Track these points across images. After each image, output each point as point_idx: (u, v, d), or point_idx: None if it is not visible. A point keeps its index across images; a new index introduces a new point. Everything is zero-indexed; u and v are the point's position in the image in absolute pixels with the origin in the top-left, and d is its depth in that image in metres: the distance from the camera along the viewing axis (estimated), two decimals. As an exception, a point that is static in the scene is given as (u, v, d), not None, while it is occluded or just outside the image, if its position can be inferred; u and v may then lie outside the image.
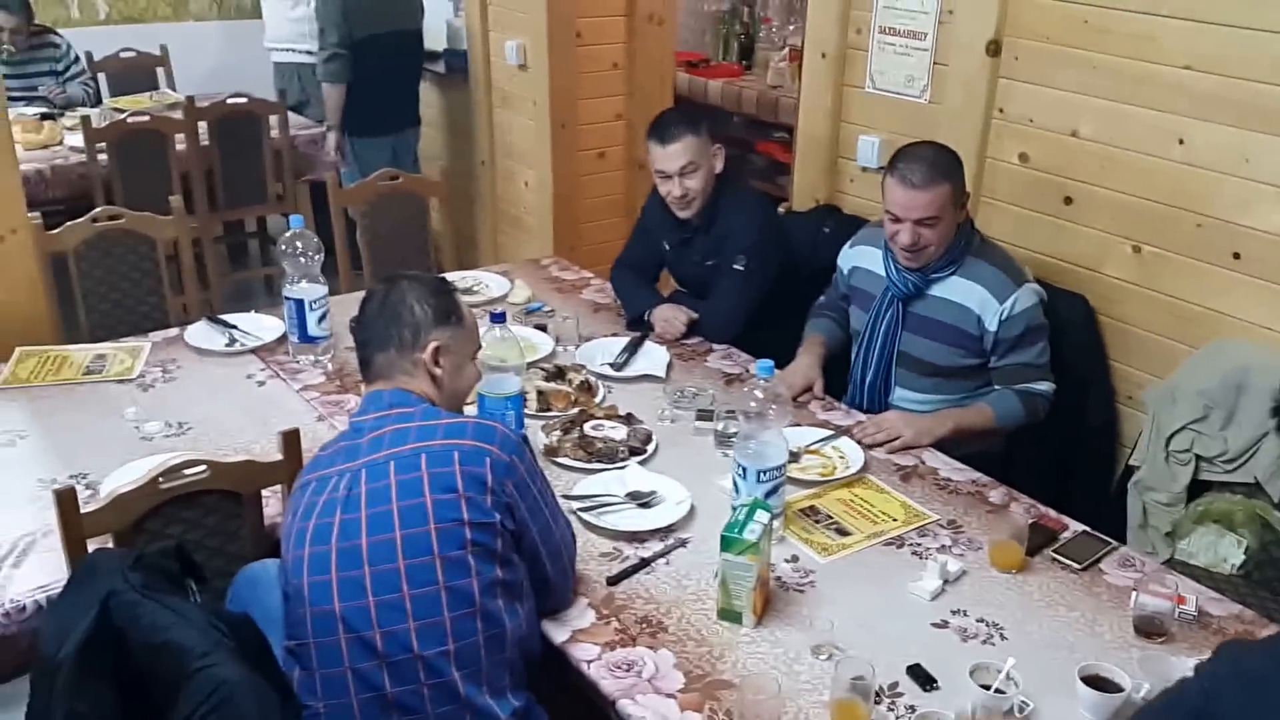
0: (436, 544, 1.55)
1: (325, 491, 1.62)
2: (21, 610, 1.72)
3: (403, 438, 1.63)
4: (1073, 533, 1.97)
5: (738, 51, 5.52)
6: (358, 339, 1.80)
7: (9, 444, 2.16)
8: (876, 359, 2.51)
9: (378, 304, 1.78)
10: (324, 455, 1.70)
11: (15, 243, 2.62)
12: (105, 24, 5.53)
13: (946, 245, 2.38)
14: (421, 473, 1.58)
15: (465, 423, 1.68)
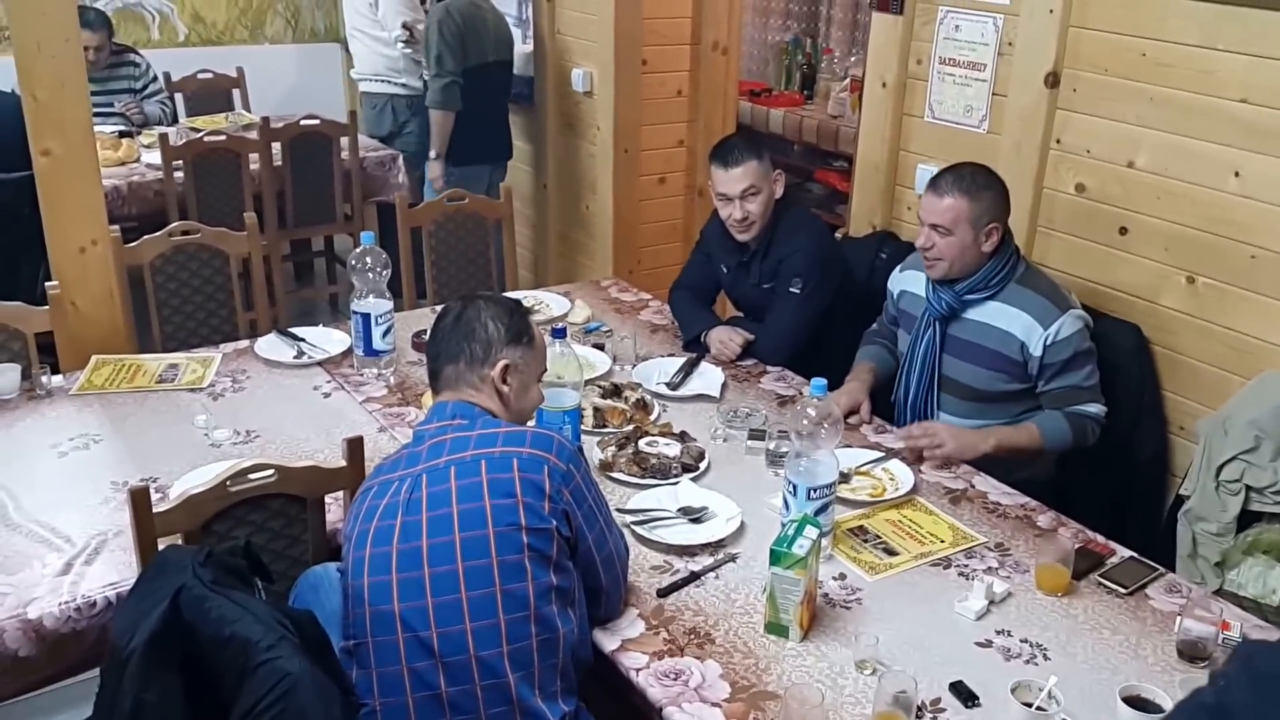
0: (494, 548, 1.59)
1: (387, 495, 1.68)
2: (92, 606, 1.78)
3: (463, 445, 1.68)
4: (1120, 558, 1.97)
5: (800, 81, 5.56)
6: (429, 351, 1.86)
7: (83, 447, 2.24)
8: (917, 380, 2.54)
9: (453, 319, 1.84)
10: (386, 463, 1.76)
11: (95, 254, 2.71)
12: (184, 45, 5.71)
13: (962, 264, 2.40)
14: (481, 478, 1.63)
15: (524, 432, 1.72)
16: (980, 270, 2.41)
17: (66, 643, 1.77)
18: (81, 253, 2.69)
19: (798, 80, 5.57)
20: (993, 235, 2.39)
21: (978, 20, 2.91)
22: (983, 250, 2.39)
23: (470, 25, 4.13)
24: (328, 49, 6.08)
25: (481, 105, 4.25)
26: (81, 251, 2.69)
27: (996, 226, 2.39)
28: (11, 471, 2.13)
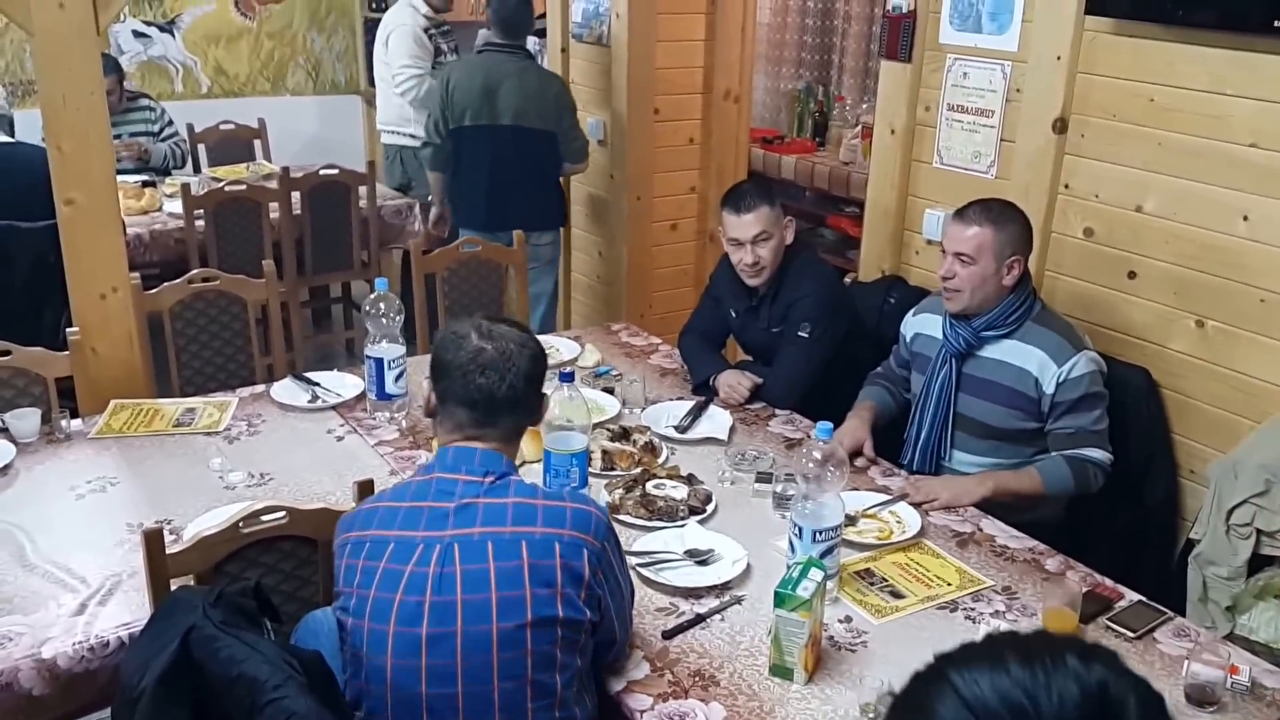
0: (530, 639, 1.55)
1: (410, 561, 1.57)
2: (105, 646, 1.80)
3: (499, 515, 1.59)
4: (1128, 602, 1.96)
5: (812, 128, 5.62)
6: (493, 399, 1.69)
7: (100, 490, 2.27)
8: (931, 418, 2.54)
9: (526, 369, 1.72)
10: (396, 509, 1.64)
11: (116, 301, 2.76)
12: (207, 98, 5.86)
13: (981, 296, 2.42)
14: (522, 562, 1.56)
15: (563, 508, 1.63)
16: (998, 306, 2.43)
17: (79, 682, 1.78)
18: (102, 299, 2.73)
19: (810, 127, 5.63)
20: (1014, 268, 2.41)
21: (986, 68, 2.95)
22: (1003, 283, 2.41)
23: (472, 84, 3.87)
24: (347, 100, 6.21)
25: (483, 170, 3.94)
26: (102, 298, 2.73)
27: (1019, 260, 2.41)
28: (30, 513, 2.17)
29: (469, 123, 3.90)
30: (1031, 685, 0.72)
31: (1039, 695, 0.72)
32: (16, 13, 2.51)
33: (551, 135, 3.93)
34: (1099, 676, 0.73)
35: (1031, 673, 0.73)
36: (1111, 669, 0.74)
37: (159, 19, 5.70)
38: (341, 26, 6.16)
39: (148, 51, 5.72)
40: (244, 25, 5.93)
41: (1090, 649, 0.75)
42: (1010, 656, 0.75)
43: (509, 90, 3.86)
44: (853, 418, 2.60)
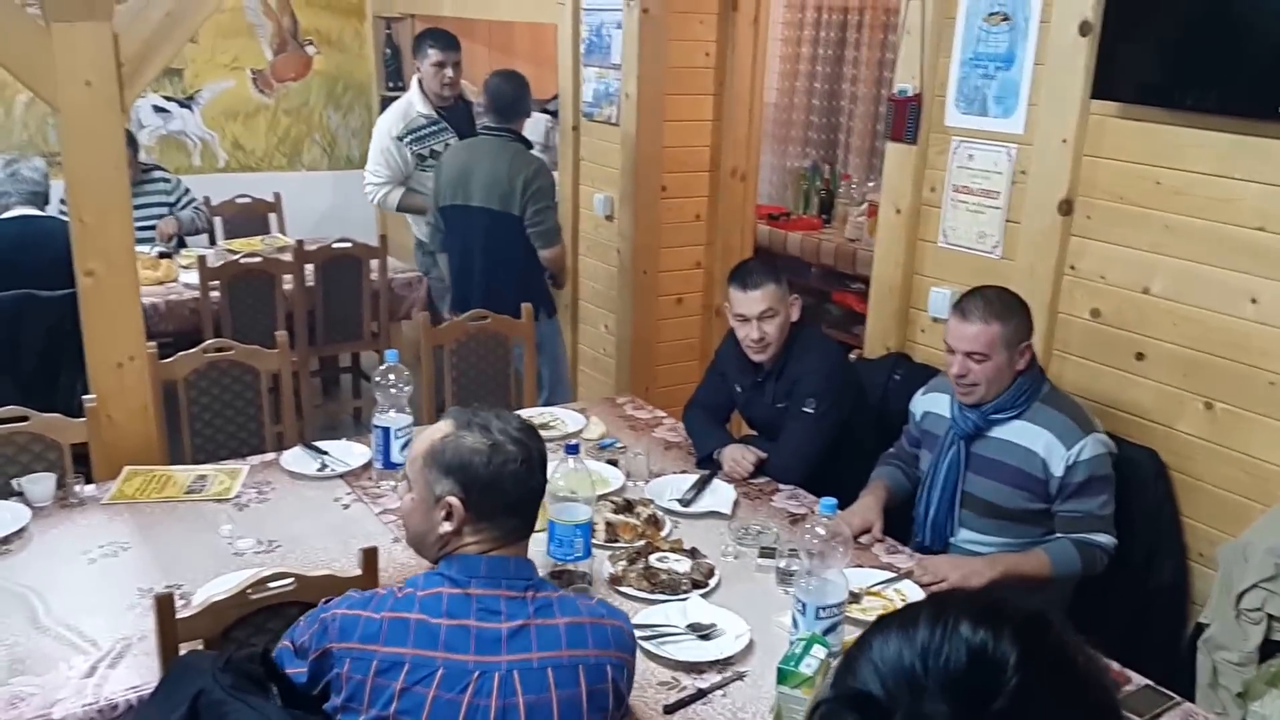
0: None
1: (466, 691, 1.51)
2: (114, 708, 1.80)
3: (554, 640, 1.56)
4: (1136, 686, 1.94)
5: (818, 206, 5.71)
6: (533, 505, 1.67)
7: (112, 554, 2.29)
8: (939, 497, 2.55)
9: (539, 457, 1.68)
10: (434, 625, 1.54)
11: (132, 369, 2.80)
12: (224, 171, 5.97)
13: (998, 386, 2.44)
14: (580, 689, 1.55)
15: (606, 627, 1.62)
16: (1009, 390, 2.45)
17: (85, 745, 1.77)
18: (119, 367, 2.77)
19: (816, 205, 5.72)
20: (1026, 353, 2.44)
21: (991, 150, 3.00)
22: (1017, 369, 2.44)
23: (453, 165, 3.98)
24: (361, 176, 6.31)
25: (457, 252, 4.04)
26: (119, 366, 2.77)
27: (1028, 345, 2.44)
28: (43, 576, 2.18)
29: (446, 203, 4.00)
30: (925, 648, 0.75)
31: (929, 658, 0.74)
32: (44, 89, 2.58)
33: (514, 219, 3.87)
34: (981, 639, 0.75)
35: (930, 635, 0.76)
36: (996, 631, 0.75)
37: (179, 94, 5.85)
38: (358, 104, 6.31)
39: (167, 126, 5.85)
40: (262, 102, 6.08)
41: (990, 610, 0.77)
42: (922, 620, 0.77)
43: (481, 172, 3.89)
44: (866, 496, 2.61)
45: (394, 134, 4.10)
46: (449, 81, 4.36)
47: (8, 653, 1.92)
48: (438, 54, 4.30)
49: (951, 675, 0.74)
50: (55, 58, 2.54)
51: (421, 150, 4.11)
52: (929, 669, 0.74)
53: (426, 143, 4.10)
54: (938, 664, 0.74)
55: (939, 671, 0.74)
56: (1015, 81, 2.91)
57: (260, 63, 6.02)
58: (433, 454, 1.65)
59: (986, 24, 2.97)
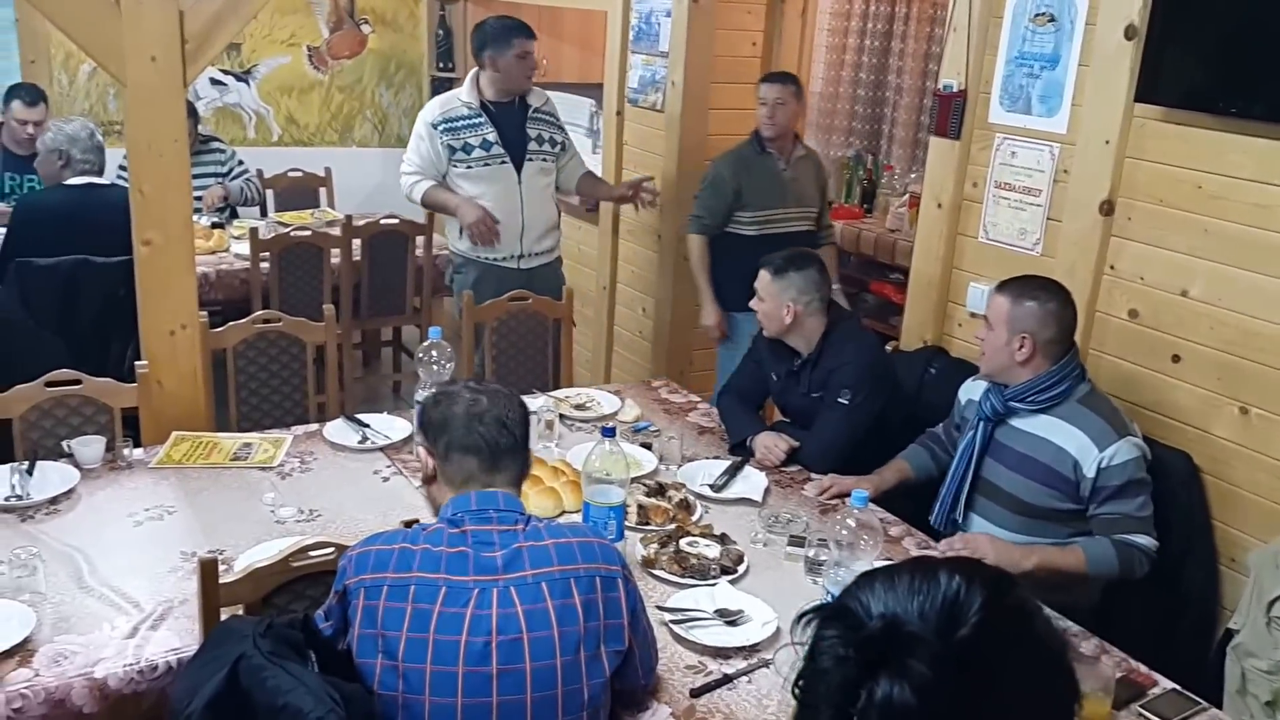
0: (586, 670, 1.65)
1: (469, 605, 1.63)
2: (154, 669, 1.86)
3: (544, 558, 1.68)
4: (1162, 690, 1.95)
5: (860, 195, 5.70)
6: (497, 442, 1.78)
7: (158, 518, 2.36)
8: (951, 476, 2.58)
9: (518, 410, 1.82)
10: (437, 553, 1.67)
11: (184, 337, 2.88)
12: (278, 145, 6.07)
13: (995, 364, 2.48)
14: (574, 599, 1.65)
15: (592, 544, 1.74)
16: (1027, 380, 2.45)
17: (127, 703, 1.84)
18: (171, 335, 2.85)
19: (858, 194, 5.70)
20: (1024, 346, 2.42)
21: (1034, 148, 3.00)
22: (1015, 358, 2.44)
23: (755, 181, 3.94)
24: (408, 154, 6.41)
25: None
26: (171, 334, 2.85)
27: (1028, 339, 2.42)
28: (89, 537, 2.25)
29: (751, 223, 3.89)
30: (907, 589, 0.90)
31: (909, 597, 0.90)
32: (111, 64, 2.66)
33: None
34: (955, 584, 0.90)
35: (911, 579, 0.91)
36: (968, 580, 0.90)
37: (236, 69, 5.95)
38: (409, 83, 6.37)
39: (224, 98, 5.96)
40: (316, 78, 6.17)
41: (964, 564, 0.93)
42: (905, 569, 0.93)
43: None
44: (878, 471, 2.66)
45: (430, 120, 3.88)
46: (531, 74, 3.92)
47: (53, 611, 1.98)
48: (525, 43, 3.84)
49: (924, 605, 0.89)
50: (123, 34, 2.62)
51: (454, 142, 3.80)
52: (906, 605, 0.89)
53: (461, 135, 3.81)
54: (914, 599, 0.89)
55: (916, 605, 0.89)
56: (1060, 82, 2.91)
57: (316, 39, 6.11)
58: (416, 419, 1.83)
59: (1033, 24, 2.97)
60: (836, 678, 0.89)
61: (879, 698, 0.86)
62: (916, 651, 0.86)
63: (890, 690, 0.86)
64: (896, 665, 0.86)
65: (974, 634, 0.87)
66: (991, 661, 0.88)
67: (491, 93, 3.82)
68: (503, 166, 3.80)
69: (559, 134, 3.96)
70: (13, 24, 5.36)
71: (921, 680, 0.85)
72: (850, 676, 0.88)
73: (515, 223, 3.81)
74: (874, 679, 0.86)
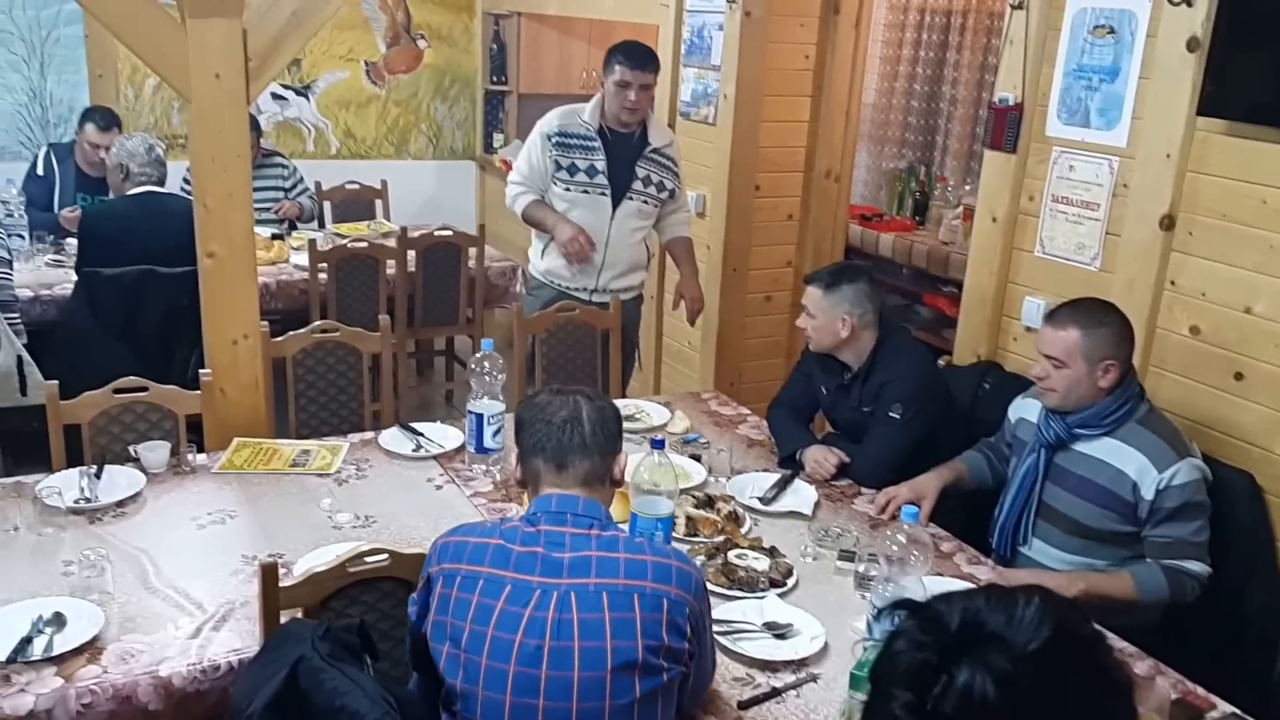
0: (639, 686, 1.64)
1: (529, 605, 1.65)
2: (216, 669, 1.91)
3: (613, 570, 1.68)
4: (1220, 713, 1.91)
5: (912, 207, 5.67)
6: (561, 441, 1.80)
7: (220, 521, 2.42)
8: (1012, 502, 2.54)
9: (590, 412, 1.83)
10: (509, 550, 1.71)
11: (246, 346, 2.94)
12: (335, 158, 6.20)
13: (1076, 397, 2.42)
14: (635, 614, 1.65)
15: (669, 566, 1.71)
16: (1095, 406, 2.42)
17: (191, 701, 1.89)
18: (234, 344, 2.91)
19: (910, 206, 5.68)
20: (1110, 372, 2.39)
21: (1092, 162, 2.96)
22: (1099, 385, 2.40)
23: None
24: (464, 166, 6.50)
25: None
26: (234, 343, 2.91)
27: (1113, 363, 2.39)
28: (155, 540, 2.31)
29: None
30: (982, 607, 0.96)
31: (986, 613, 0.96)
32: (177, 80, 2.73)
33: None
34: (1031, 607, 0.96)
35: (987, 601, 0.97)
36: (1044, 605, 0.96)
37: (296, 83, 6.08)
38: (464, 97, 6.47)
39: (284, 113, 6.09)
40: (374, 93, 6.29)
41: (1040, 591, 0.99)
42: (981, 592, 1.00)
43: None
44: (935, 470, 2.63)
45: (546, 130, 3.66)
46: (631, 106, 3.59)
47: (120, 610, 2.04)
48: (624, 71, 3.55)
49: (1001, 616, 0.95)
50: (189, 51, 2.69)
51: (562, 159, 3.64)
52: (985, 612, 0.95)
53: (570, 153, 3.64)
54: (992, 611, 0.95)
55: (994, 614, 0.95)
56: (1119, 95, 2.87)
57: (374, 55, 6.23)
58: None
59: (1092, 36, 2.94)
60: (912, 662, 0.94)
61: (960, 683, 0.91)
62: (996, 648, 0.92)
63: (971, 678, 0.90)
64: (978, 656, 0.91)
65: (1045, 649, 0.92)
66: (1058, 680, 0.93)
67: (609, 118, 3.66)
68: (600, 198, 3.69)
69: (671, 180, 3.78)
70: (82, 40, 5.54)
71: (1002, 673, 0.90)
72: (926, 663, 0.93)
73: (596, 257, 3.72)
74: (955, 665, 0.92)
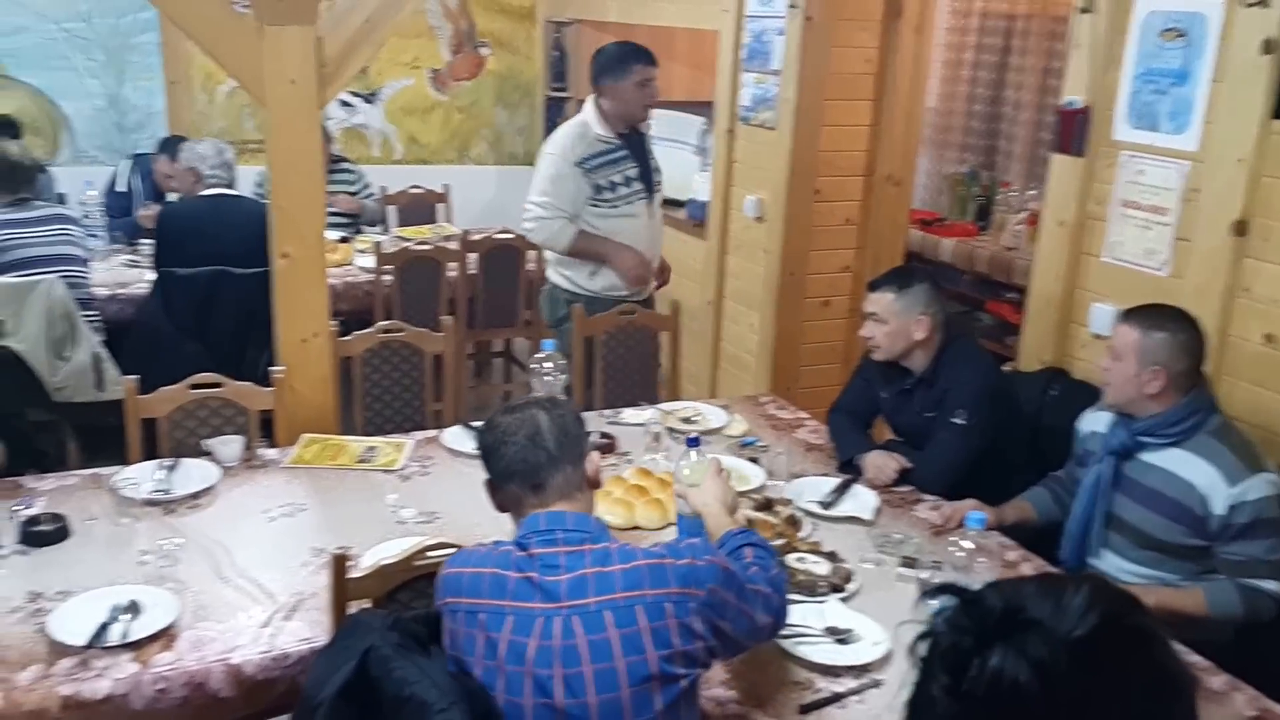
0: (659, 699, 1.62)
1: (532, 634, 1.63)
2: (286, 657, 1.96)
3: (609, 584, 1.64)
4: (1297, 731, 1.88)
5: (974, 212, 5.61)
6: (529, 460, 1.75)
7: (290, 514, 2.48)
8: (1081, 511, 2.51)
9: (550, 424, 1.77)
10: (504, 577, 1.68)
11: (316, 345, 3.01)
12: (399, 163, 6.31)
13: (1124, 396, 2.40)
14: (641, 628, 1.62)
15: (664, 566, 1.66)
16: (1159, 415, 2.38)
17: (261, 689, 1.94)
18: (304, 343, 2.99)
19: (972, 211, 5.62)
20: (1155, 379, 2.36)
21: (1162, 166, 2.91)
22: (1144, 391, 2.37)
23: None
24: (523, 171, 6.53)
25: None
26: (304, 342, 2.99)
27: (1160, 371, 2.36)
28: (228, 531, 2.38)
29: None
30: (1027, 594, 0.96)
31: (1029, 599, 0.96)
32: (253, 86, 2.81)
33: None
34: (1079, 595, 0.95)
35: (1035, 589, 0.97)
36: (1093, 593, 0.95)
37: (363, 91, 6.21)
38: (524, 104, 6.55)
39: (351, 119, 6.22)
40: (437, 100, 6.39)
41: (1092, 580, 0.98)
42: (1032, 580, 1.01)
43: None
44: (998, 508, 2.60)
45: (574, 159, 3.60)
46: (651, 101, 3.72)
47: (194, 599, 2.10)
48: (644, 69, 3.65)
49: (1045, 604, 0.94)
50: (264, 58, 2.76)
51: (600, 180, 3.62)
52: (1029, 599, 0.96)
53: (604, 172, 3.63)
54: (1037, 598, 0.95)
55: (1038, 601, 0.95)
56: (1189, 98, 2.83)
57: (438, 62, 6.33)
58: None
59: (1161, 39, 2.89)
60: (949, 642, 0.95)
61: (990, 666, 0.91)
62: (1033, 634, 0.92)
63: (1003, 662, 0.91)
64: (1016, 641, 0.91)
65: (1089, 636, 0.91)
66: (1103, 669, 0.91)
67: (613, 122, 3.68)
68: (639, 202, 3.71)
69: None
70: (157, 47, 5.70)
71: (1037, 658, 0.90)
72: (962, 645, 0.94)
73: (646, 257, 3.78)
74: (989, 649, 0.92)
